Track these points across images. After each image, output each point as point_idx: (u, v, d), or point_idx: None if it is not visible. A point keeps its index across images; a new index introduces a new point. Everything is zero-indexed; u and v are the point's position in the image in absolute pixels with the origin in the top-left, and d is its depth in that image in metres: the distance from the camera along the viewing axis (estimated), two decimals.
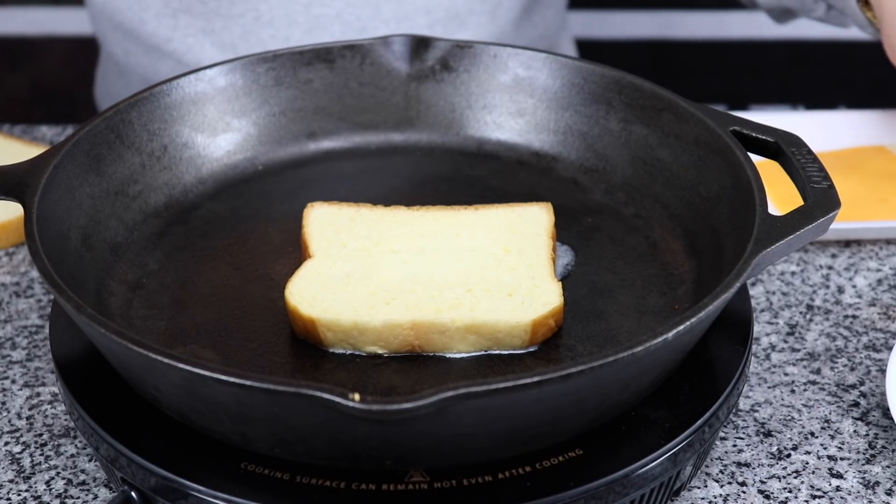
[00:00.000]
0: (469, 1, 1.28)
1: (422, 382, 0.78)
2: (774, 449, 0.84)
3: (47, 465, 0.82)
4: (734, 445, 0.84)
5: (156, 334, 0.82)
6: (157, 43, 1.30)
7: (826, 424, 0.86)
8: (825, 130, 1.13)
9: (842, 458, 0.83)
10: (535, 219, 0.88)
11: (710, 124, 0.88)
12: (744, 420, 0.86)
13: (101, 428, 0.75)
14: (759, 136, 0.87)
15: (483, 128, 0.99)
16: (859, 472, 0.82)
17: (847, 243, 1.02)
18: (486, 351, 0.80)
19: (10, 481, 0.81)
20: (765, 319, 0.95)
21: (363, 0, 1.26)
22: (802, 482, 0.81)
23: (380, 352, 0.80)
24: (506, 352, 0.80)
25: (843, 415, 0.86)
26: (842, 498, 0.80)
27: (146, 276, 0.86)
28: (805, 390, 0.88)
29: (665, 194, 0.91)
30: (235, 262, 0.88)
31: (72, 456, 0.83)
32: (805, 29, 1.65)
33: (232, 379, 0.67)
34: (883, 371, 0.90)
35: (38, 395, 0.88)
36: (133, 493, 0.75)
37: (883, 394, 0.88)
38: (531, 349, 0.80)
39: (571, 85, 0.96)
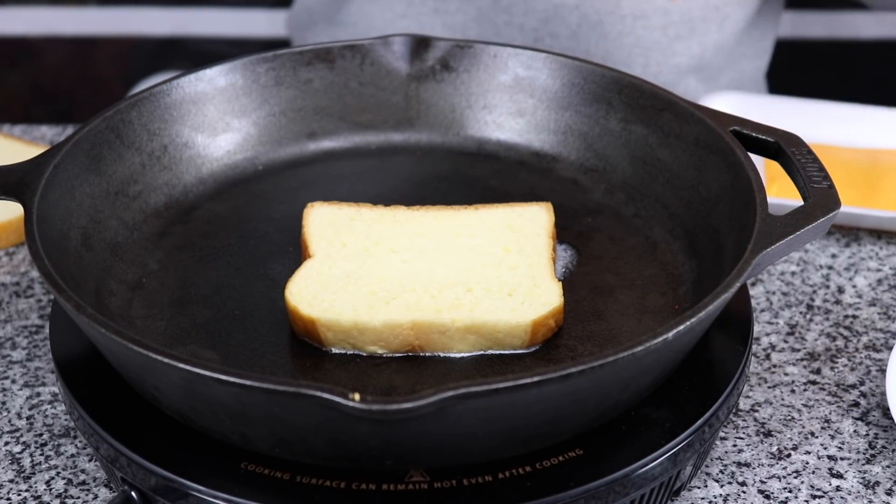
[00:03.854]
0: (704, 8, 1.28)
1: (422, 382, 0.78)
2: (774, 449, 0.84)
3: (47, 465, 0.82)
4: (734, 445, 0.84)
5: (156, 334, 0.82)
6: (391, 18, 1.29)
7: (826, 424, 0.86)
8: None
9: (842, 458, 0.83)
10: (535, 219, 0.88)
11: (710, 124, 0.88)
12: (744, 420, 0.86)
13: (101, 428, 0.75)
14: (759, 136, 0.87)
15: (483, 128, 0.98)
16: (859, 472, 0.82)
17: (847, 243, 1.02)
18: (486, 351, 0.80)
19: (10, 481, 0.81)
20: (765, 319, 0.95)
21: None
22: (802, 482, 0.81)
23: (380, 352, 0.80)
24: (506, 352, 0.80)
25: (843, 415, 0.86)
26: (842, 498, 0.80)
27: (146, 276, 0.86)
28: (805, 390, 0.88)
29: (665, 194, 0.91)
30: (235, 262, 0.88)
31: (72, 456, 0.83)
32: None
33: (232, 379, 0.67)
34: (883, 371, 0.90)
35: (38, 395, 0.88)
36: (133, 493, 0.75)
37: (883, 394, 0.88)
38: (531, 349, 0.80)
39: (571, 85, 0.96)
